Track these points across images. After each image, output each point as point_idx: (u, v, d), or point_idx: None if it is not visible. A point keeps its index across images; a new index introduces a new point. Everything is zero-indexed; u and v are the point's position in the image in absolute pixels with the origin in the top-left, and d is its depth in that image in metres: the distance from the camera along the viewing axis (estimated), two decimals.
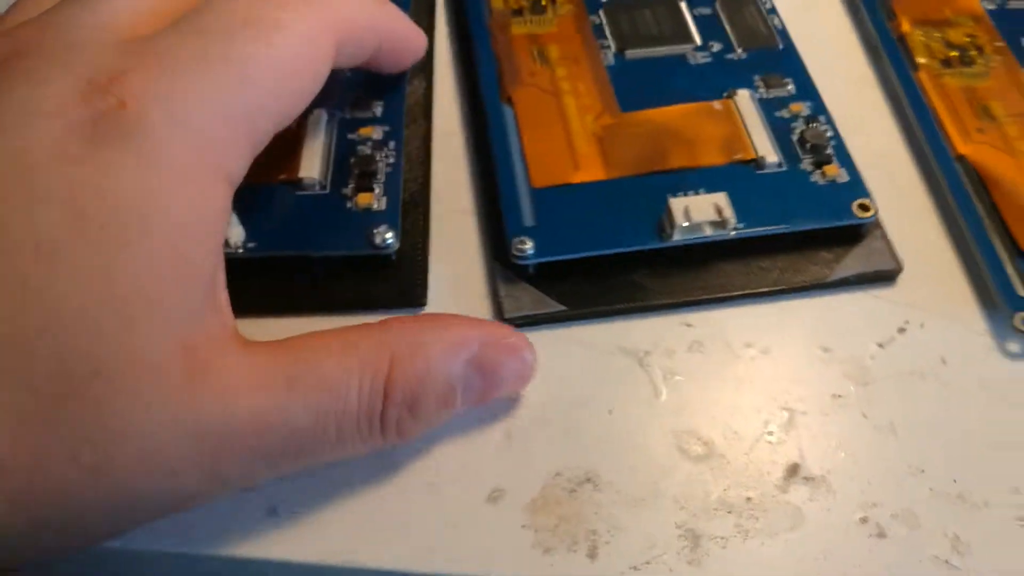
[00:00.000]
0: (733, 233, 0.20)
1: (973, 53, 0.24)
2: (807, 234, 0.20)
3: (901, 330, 0.20)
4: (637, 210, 0.20)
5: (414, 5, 0.25)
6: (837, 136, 0.22)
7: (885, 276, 0.20)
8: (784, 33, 0.24)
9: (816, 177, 0.21)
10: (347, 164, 0.21)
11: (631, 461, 0.18)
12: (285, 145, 0.21)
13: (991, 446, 0.18)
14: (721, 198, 0.20)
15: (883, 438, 0.18)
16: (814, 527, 0.17)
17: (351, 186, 0.21)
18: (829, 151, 0.21)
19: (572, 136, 0.22)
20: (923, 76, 0.24)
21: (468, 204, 0.22)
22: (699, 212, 0.19)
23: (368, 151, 0.21)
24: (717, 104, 0.22)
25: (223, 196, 0.16)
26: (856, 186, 0.21)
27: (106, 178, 0.14)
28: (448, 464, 0.17)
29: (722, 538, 0.17)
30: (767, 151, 0.21)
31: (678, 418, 0.18)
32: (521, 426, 0.18)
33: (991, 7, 0.25)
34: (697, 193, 0.20)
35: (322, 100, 0.21)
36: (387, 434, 0.16)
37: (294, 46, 0.16)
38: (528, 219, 0.20)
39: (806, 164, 0.21)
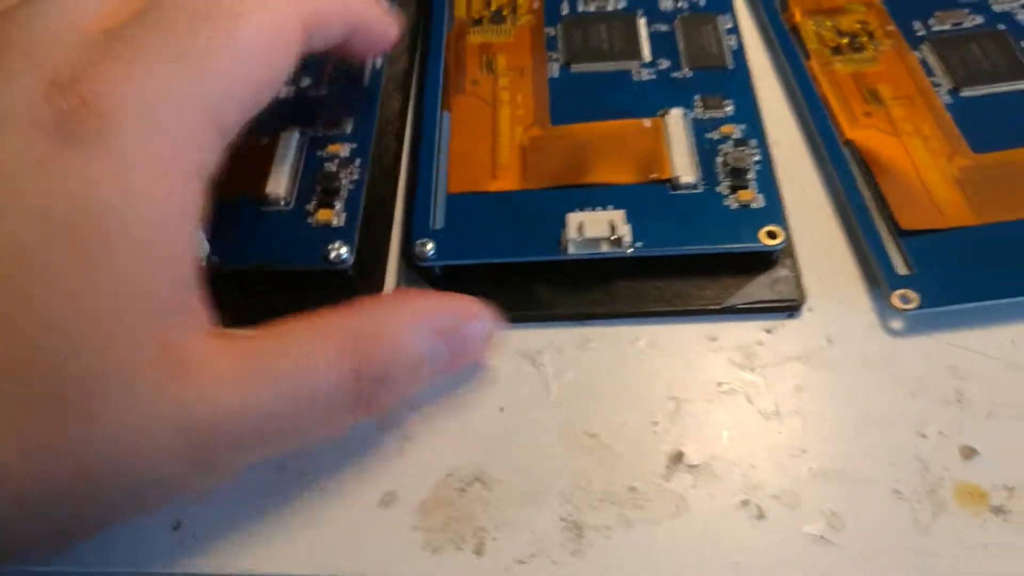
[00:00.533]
0: (630, 251, 0.20)
1: (863, 39, 0.25)
2: (719, 257, 0.20)
3: (789, 315, 0.20)
4: (542, 222, 0.21)
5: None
6: (765, 161, 0.22)
7: (786, 307, 0.20)
8: (739, 54, 0.24)
9: (730, 201, 0.21)
10: (314, 180, 0.22)
11: (520, 458, 0.18)
12: (255, 161, 0.22)
13: (872, 422, 0.18)
14: (618, 216, 0.20)
15: (767, 422, 0.18)
16: (696, 513, 0.17)
17: (314, 202, 0.21)
18: (750, 175, 0.21)
19: (498, 146, 0.22)
20: (814, 64, 0.24)
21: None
22: (593, 228, 0.20)
23: (334, 168, 0.22)
24: (647, 122, 0.23)
25: (194, 191, 0.16)
26: (770, 213, 0.20)
27: (75, 179, 0.14)
28: (343, 469, 0.18)
29: (606, 528, 0.17)
30: (685, 171, 0.21)
31: (567, 414, 0.19)
32: (415, 428, 0.19)
33: None
34: (604, 209, 0.21)
35: (295, 117, 0.23)
36: (362, 410, 0.16)
37: (258, 35, 0.17)
38: (436, 223, 0.21)
39: (723, 187, 0.21)
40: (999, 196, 0.21)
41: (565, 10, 0.26)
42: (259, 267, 0.20)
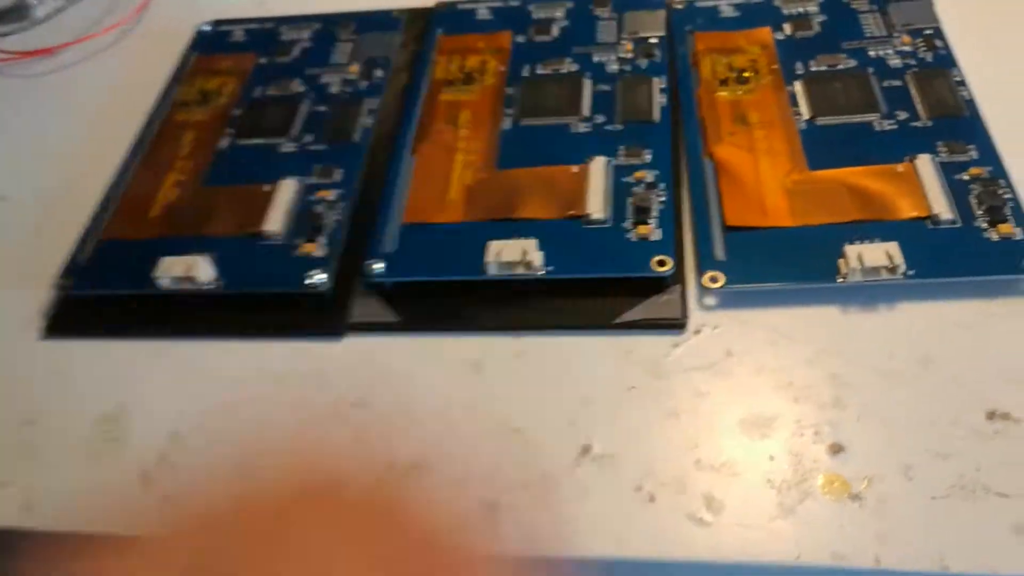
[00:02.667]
0: (540, 274, 0.24)
1: (748, 74, 0.29)
2: (619, 281, 0.24)
3: (696, 332, 0.24)
4: (472, 249, 0.25)
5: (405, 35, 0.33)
6: (669, 201, 0.26)
7: (669, 325, 0.24)
8: (666, 110, 0.28)
9: (631, 234, 0.25)
10: (305, 220, 0.27)
11: (453, 448, 0.23)
12: (258, 204, 0.28)
13: (753, 424, 0.22)
14: (531, 244, 0.25)
15: (667, 421, 0.22)
16: (597, 497, 0.21)
17: (301, 238, 0.27)
18: (653, 214, 0.25)
19: (450, 185, 0.27)
20: (701, 92, 0.29)
21: None
22: (509, 254, 0.25)
23: (321, 210, 0.27)
24: (575, 168, 0.27)
25: None
26: (664, 244, 0.25)
27: None
28: None
29: (517, 508, 0.21)
30: (597, 209, 0.25)
31: (499, 413, 0.23)
32: (364, 425, 0.23)
33: (781, 38, 0.30)
34: (525, 238, 0.25)
35: (295, 168, 0.29)
36: None
37: None
38: (389, 246, 0.26)
39: (628, 223, 0.25)
40: (815, 205, 0.25)
41: (526, 72, 0.31)
42: (253, 290, 0.26)
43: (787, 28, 0.31)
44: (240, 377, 0.25)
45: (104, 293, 0.27)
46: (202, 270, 0.26)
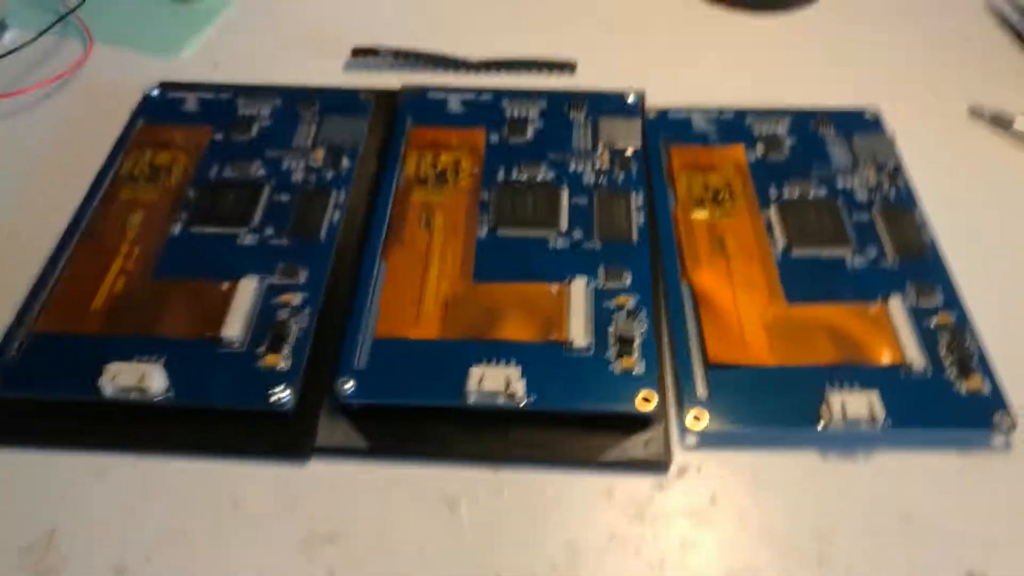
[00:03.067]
0: (522, 405, 0.24)
1: (724, 195, 0.30)
2: (604, 415, 0.24)
3: (679, 474, 0.24)
4: (451, 371, 0.24)
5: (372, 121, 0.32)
6: (650, 329, 0.25)
7: (652, 466, 0.23)
8: (644, 229, 0.28)
9: (615, 367, 0.24)
10: (267, 325, 0.25)
11: None
12: (215, 304, 0.25)
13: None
14: (514, 372, 0.24)
15: (652, 572, 0.22)
16: None
17: (264, 347, 0.25)
18: (636, 343, 0.25)
19: (424, 297, 0.26)
20: (678, 211, 0.29)
21: None
22: (492, 382, 0.24)
23: (285, 316, 0.26)
24: (554, 288, 0.26)
25: None
26: (648, 379, 0.24)
27: None
28: None
29: None
30: (579, 336, 0.25)
31: (478, 556, 0.22)
32: (340, 564, 0.22)
33: (753, 159, 0.31)
34: (507, 363, 0.24)
35: (255, 264, 0.27)
36: None
37: None
38: (360, 363, 0.24)
39: (611, 353, 0.25)
40: (794, 343, 0.25)
41: (500, 177, 0.30)
42: (206, 406, 0.24)
43: (759, 148, 0.31)
44: (194, 502, 0.23)
45: (37, 397, 0.24)
46: (155, 380, 0.24)
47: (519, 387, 0.24)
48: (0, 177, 0.31)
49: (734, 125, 0.32)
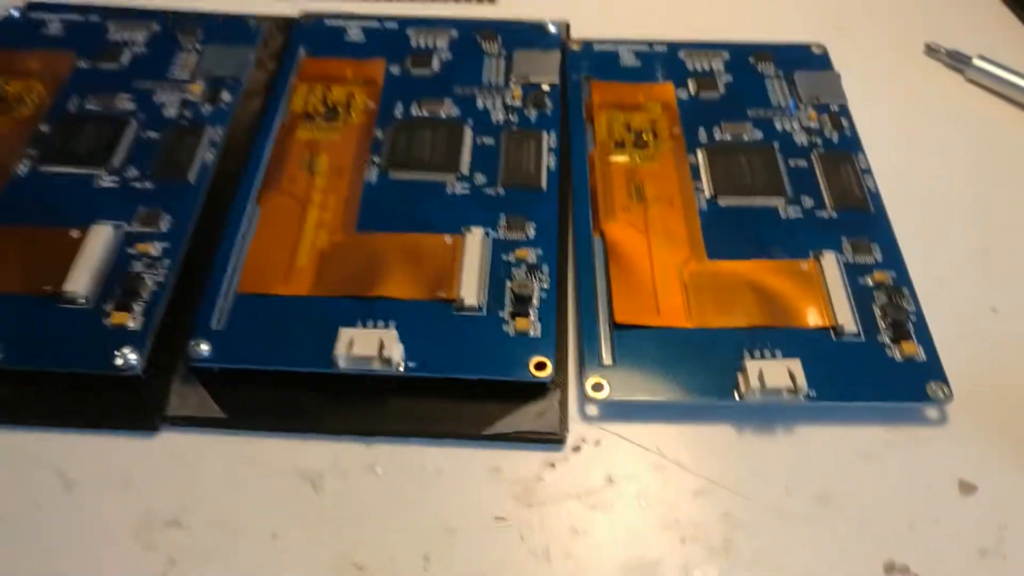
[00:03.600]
0: (400, 371, 0.21)
1: (647, 137, 0.26)
2: (493, 383, 0.21)
3: (575, 449, 0.21)
4: (320, 333, 0.21)
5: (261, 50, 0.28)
6: (552, 288, 0.22)
7: (547, 440, 0.21)
8: (553, 176, 0.25)
9: (508, 328, 0.22)
10: (119, 278, 0.22)
11: None
12: (62, 254, 0.22)
13: (636, 568, 0.19)
14: (390, 335, 0.21)
15: (538, 565, 0.19)
16: None
17: (113, 304, 0.22)
18: (533, 303, 0.22)
19: (299, 248, 0.23)
20: (595, 154, 0.26)
21: None
22: (363, 346, 0.21)
23: (141, 268, 0.22)
24: (448, 238, 0.23)
25: None
26: (545, 343, 0.21)
27: None
28: None
29: None
30: (470, 294, 0.22)
31: (339, 542, 0.19)
32: (182, 551, 0.19)
33: (684, 97, 0.28)
34: (386, 324, 0.21)
35: (112, 210, 0.23)
36: None
37: None
38: (219, 323, 0.22)
39: (505, 313, 0.22)
40: (714, 304, 0.23)
41: (399, 113, 0.27)
42: (46, 369, 0.21)
43: (691, 86, 0.28)
44: (23, 477, 0.20)
45: None
46: None
47: (396, 351, 0.21)
48: None
49: (666, 59, 0.29)
